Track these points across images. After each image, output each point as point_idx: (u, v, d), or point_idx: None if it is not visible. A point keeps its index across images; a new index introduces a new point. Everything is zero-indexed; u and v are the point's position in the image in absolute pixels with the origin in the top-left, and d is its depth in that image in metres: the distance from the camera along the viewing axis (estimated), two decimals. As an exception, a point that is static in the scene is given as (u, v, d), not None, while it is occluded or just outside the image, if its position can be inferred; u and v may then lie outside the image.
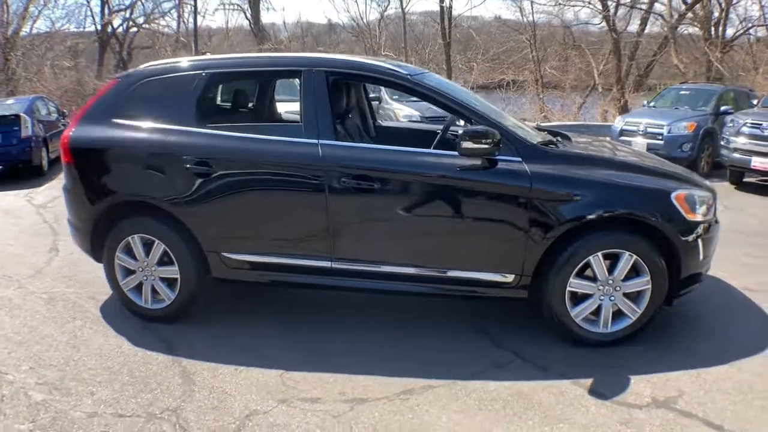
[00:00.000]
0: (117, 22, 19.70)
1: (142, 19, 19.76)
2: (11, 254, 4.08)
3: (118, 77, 3.10)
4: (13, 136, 7.02)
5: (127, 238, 2.90)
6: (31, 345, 2.74)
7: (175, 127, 2.82)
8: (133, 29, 19.93)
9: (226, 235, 2.81)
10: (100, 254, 3.01)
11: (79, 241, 3.09)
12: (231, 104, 3.17)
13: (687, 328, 2.96)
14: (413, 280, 2.72)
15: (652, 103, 8.83)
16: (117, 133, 2.88)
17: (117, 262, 2.95)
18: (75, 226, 3.08)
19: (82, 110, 3.06)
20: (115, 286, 3.00)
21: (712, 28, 13.53)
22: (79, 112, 3.09)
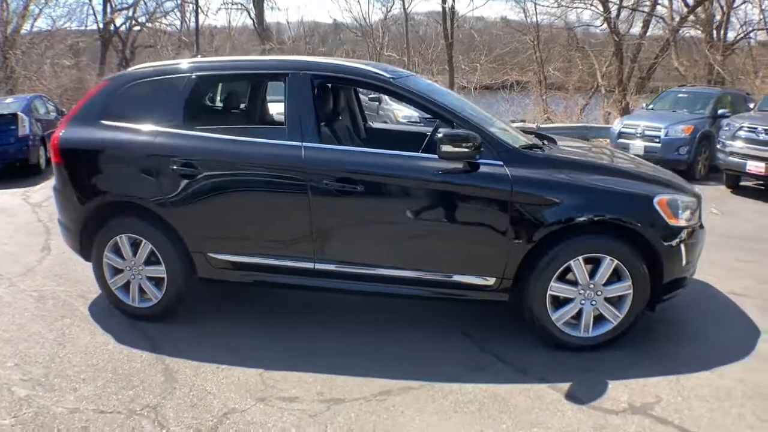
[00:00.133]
0: (120, 20, 19.86)
1: (145, 18, 19.88)
2: (4, 252, 4.13)
3: (107, 79, 3.15)
4: (11, 135, 7.06)
5: (115, 238, 2.95)
6: (18, 342, 2.79)
7: (162, 129, 2.86)
8: (136, 28, 20.04)
9: (211, 236, 2.84)
10: (89, 253, 3.05)
11: (69, 240, 3.14)
12: (218, 107, 3.22)
13: (670, 333, 2.95)
14: (395, 282, 2.74)
15: (651, 106, 8.82)
16: (106, 134, 2.92)
17: (105, 261, 2.99)
18: (65, 226, 3.13)
19: (73, 111, 3.11)
20: (104, 284, 3.04)
21: (714, 31, 13.44)
22: (70, 114, 3.14)
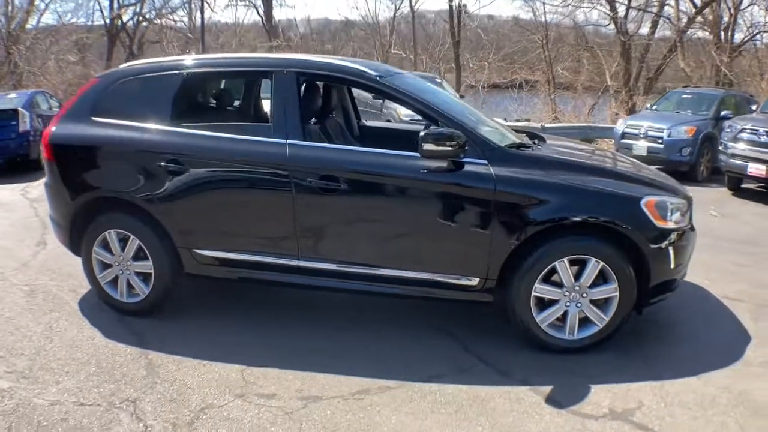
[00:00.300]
0: (127, 16, 20.01)
1: (153, 14, 20.02)
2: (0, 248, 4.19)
3: (98, 76, 3.18)
4: (11, 131, 7.12)
5: (104, 233, 2.98)
6: (6, 335, 2.83)
7: (150, 126, 2.88)
8: (144, 24, 20.19)
9: (197, 232, 2.86)
10: (79, 248, 3.09)
11: (60, 235, 3.18)
12: (206, 104, 3.23)
13: (658, 338, 2.90)
14: (378, 281, 2.73)
15: (654, 107, 8.72)
16: (95, 130, 2.95)
17: (94, 256, 3.02)
18: (56, 222, 3.17)
19: (64, 108, 3.15)
20: (93, 279, 3.07)
21: (722, 33, 13.25)
22: (61, 110, 3.18)
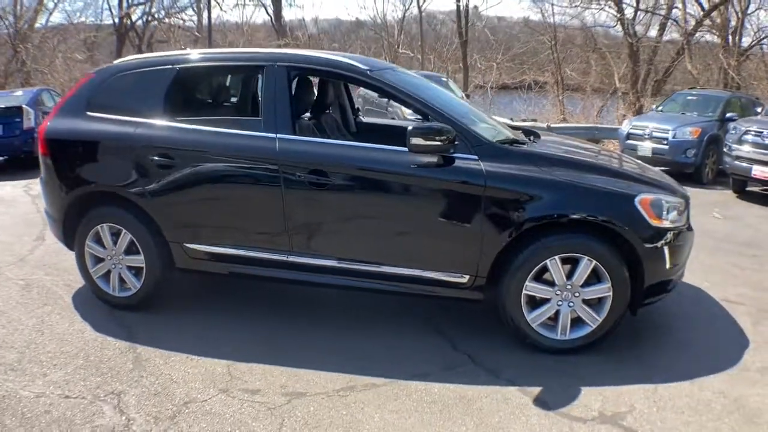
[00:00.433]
0: (136, 15, 20.19)
1: (162, 13, 20.18)
2: (-2, 242, 4.22)
3: (94, 71, 3.20)
4: (16, 128, 7.19)
5: (97, 227, 2.99)
6: (-3, 327, 2.86)
7: (143, 120, 2.88)
8: (154, 23, 20.38)
9: (188, 226, 2.85)
10: (72, 242, 3.11)
11: (54, 230, 3.20)
12: (198, 98, 3.23)
13: (653, 340, 2.83)
14: (367, 277, 2.70)
15: (660, 108, 8.63)
16: (88, 125, 2.97)
17: (87, 250, 3.03)
18: (51, 216, 3.19)
19: (60, 103, 3.17)
20: (85, 273, 3.09)
21: (730, 37, 13.09)
22: (57, 105, 3.20)
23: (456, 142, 2.50)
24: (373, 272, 2.68)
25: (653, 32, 14.72)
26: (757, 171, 6.02)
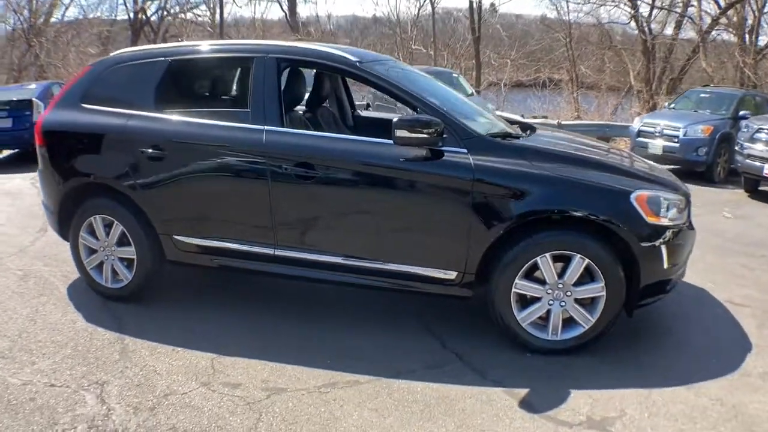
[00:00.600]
0: (151, 10, 20.39)
1: (177, 9, 20.39)
2: (0, 233, 4.27)
3: (91, 63, 3.22)
4: (26, 120, 7.28)
5: (90, 219, 3.01)
6: (-8, 316, 2.90)
7: (135, 112, 2.89)
8: (168, 18, 20.60)
9: (177, 219, 2.85)
10: (68, 233, 3.14)
11: (50, 221, 3.24)
12: (189, 90, 3.22)
13: (650, 342, 2.72)
14: (355, 272, 2.66)
15: (673, 105, 8.40)
16: (83, 117, 2.99)
17: (81, 242, 3.06)
18: (47, 207, 3.23)
19: (59, 95, 3.21)
20: (79, 264, 3.12)
21: (746, 35, 12.66)
22: (56, 97, 3.23)
23: (444, 135, 2.44)
24: (360, 267, 2.64)
25: (669, 30, 14.34)
26: None
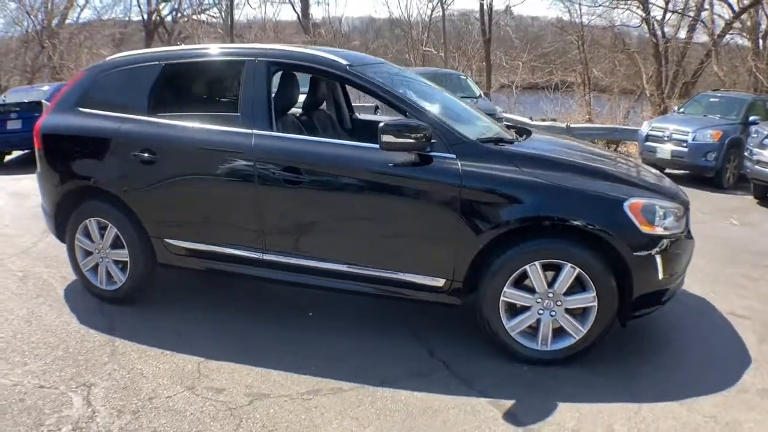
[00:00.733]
0: (165, 11, 20.70)
1: (190, 10, 20.65)
2: (3, 234, 4.35)
3: (88, 67, 3.26)
4: (35, 122, 7.46)
5: (85, 221, 3.05)
6: (-12, 317, 2.95)
7: (128, 116, 2.92)
8: (183, 20, 20.88)
9: (167, 222, 2.87)
10: (64, 236, 3.18)
11: (48, 223, 3.29)
12: (182, 94, 3.24)
13: (644, 355, 2.64)
14: (343, 278, 2.64)
15: (682, 110, 8.22)
16: (78, 121, 3.03)
17: (77, 244, 3.10)
18: (45, 210, 3.28)
19: (56, 99, 3.26)
20: (75, 266, 3.16)
21: (760, 40, 12.33)
22: (54, 100, 3.29)
23: (433, 140, 2.41)
24: (348, 273, 2.62)
25: (683, 34, 14.06)
26: None
